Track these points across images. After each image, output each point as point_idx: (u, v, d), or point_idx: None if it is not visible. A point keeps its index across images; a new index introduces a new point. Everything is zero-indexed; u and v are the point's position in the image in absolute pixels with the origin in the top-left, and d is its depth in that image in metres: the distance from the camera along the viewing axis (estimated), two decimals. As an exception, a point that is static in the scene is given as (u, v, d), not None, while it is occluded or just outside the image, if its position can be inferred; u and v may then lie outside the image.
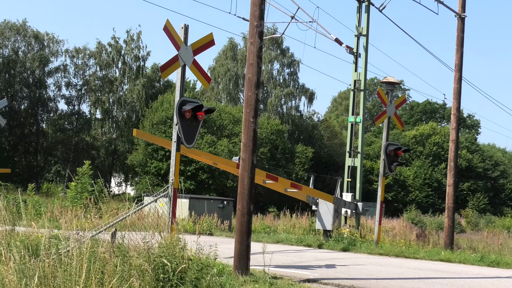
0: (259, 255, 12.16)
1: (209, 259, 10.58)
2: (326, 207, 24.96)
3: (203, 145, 56.66)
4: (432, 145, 76.65)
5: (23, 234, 11.38)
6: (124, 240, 10.32)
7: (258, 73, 12.76)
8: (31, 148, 69.30)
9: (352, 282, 12.80)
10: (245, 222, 12.46)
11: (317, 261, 16.72)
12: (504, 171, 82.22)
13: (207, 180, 56.18)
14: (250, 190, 12.49)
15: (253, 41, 12.79)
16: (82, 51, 71.86)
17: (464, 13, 26.39)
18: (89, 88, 71.30)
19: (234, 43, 75.36)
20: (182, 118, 13.90)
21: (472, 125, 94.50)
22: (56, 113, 71.74)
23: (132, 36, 71.11)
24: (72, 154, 68.32)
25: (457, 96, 26.07)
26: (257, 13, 12.81)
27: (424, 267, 17.30)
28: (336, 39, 27.73)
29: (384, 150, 23.39)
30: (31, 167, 68.80)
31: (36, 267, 8.63)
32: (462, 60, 26.32)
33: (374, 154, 72.72)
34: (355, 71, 27.54)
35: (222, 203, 30.62)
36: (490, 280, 15.03)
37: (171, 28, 13.93)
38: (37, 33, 68.61)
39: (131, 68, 71.01)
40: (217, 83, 73.77)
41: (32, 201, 26.64)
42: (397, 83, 26.19)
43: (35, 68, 67.78)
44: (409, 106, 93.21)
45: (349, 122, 27.64)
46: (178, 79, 14.21)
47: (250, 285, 11.37)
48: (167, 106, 58.17)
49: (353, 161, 27.03)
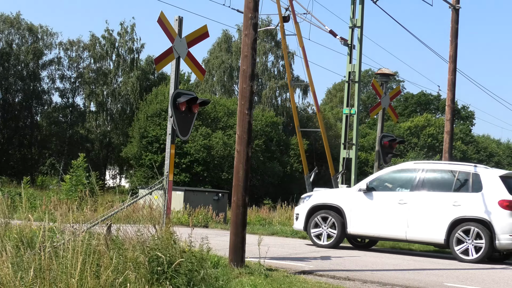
0: (254, 247, 12.17)
1: (203, 251, 10.59)
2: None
3: (197, 137, 56.65)
4: (427, 136, 76.78)
5: (18, 227, 11.36)
6: (119, 232, 10.32)
7: (252, 65, 12.73)
8: (25, 141, 69.22)
9: (347, 274, 12.83)
10: (240, 214, 12.46)
11: (312, 253, 16.74)
12: (499, 162, 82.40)
13: (202, 172, 56.21)
14: (245, 182, 12.49)
15: (248, 33, 12.77)
16: (76, 43, 71.77)
17: (458, 5, 26.38)
18: (83, 81, 71.22)
19: (229, 35, 75.30)
20: (176, 111, 13.88)
21: (466, 116, 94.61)
22: (50, 106, 71.68)
23: (126, 29, 71.01)
24: (67, 147, 68.26)
25: (451, 88, 26.09)
26: (251, 4, 12.79)
27: (419, 259, 17.33)
28: (331, 31, 27.70)
29: (378, 141, 23.44)
30: (26, 160, 68.74)
31: (32, 260, 8.62)
32: (457, 51, 26.33)
33: (368, 145, 72.81)
34: (349, 63, 27.51)
35: (217, 195, 30.61)
36: (485, 271, 15.07)
37: (165, 20, 13.90)
38: (31, 26, 68.49)
39: (125, 60, 70.90)
40: (211, 75, 73.73)
41: (27, 194, 26.59)
42: (391, 75, 26.24)
43: (29, 61, 67.70)
44: (403, 98, 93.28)
45: (344, 114, 27.61)
46: (173, 72, 14.19)
47: (246, 277, 11.38)
48: (161, 99, 58.12)
49: (348, 153, 27.04)
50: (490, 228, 16.32)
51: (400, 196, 17.39)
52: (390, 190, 17.90)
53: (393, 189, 17.92)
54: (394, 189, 17.90)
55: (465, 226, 16.59)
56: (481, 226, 16.39)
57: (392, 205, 17.39)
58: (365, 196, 17.83)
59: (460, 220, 16.64)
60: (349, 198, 18.09)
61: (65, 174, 28.49)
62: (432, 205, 17.02)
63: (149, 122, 57.84)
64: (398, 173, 18.23)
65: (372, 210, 17.65)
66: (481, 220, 16.42)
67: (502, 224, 16.27)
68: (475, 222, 16.50)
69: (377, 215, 17.50)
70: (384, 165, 23.94)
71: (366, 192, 17.82)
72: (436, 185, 17.44)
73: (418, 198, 17.15)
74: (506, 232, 16.23)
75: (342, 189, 20.33)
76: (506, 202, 16.35)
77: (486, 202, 16.49)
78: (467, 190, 16.92)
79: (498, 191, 16.58)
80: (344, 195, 18.41)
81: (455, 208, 16.69)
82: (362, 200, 17.87)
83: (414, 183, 17.44)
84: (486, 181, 16.81)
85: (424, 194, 17.26)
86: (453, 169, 17.56)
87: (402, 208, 17.21)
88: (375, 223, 17.62)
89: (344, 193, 18.84)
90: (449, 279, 13.26)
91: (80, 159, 27.92)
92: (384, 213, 17.47)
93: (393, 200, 17.44)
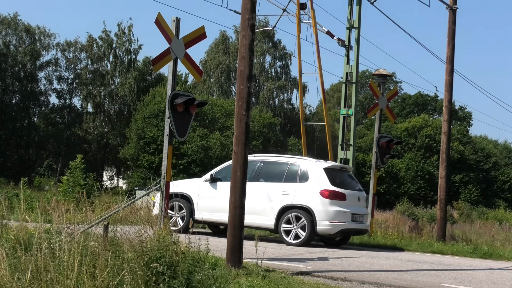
0: (252, 248, 12.15)
1: (201, 252, 10.58)
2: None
3: (195, 138, 56.61)
4: (424, 137, 76.72)
5: (15, 228, 11.35)
6: (116, 234, 10.30)
7: (250, 66, 12.72)
8: (22, 142, 69.09)
9: (345, 275, 12.82)
10: (238, 215, 12.45)
11: (309, 253, 16.74)
12: (496, 163, 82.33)
13: (199, 173, 56.09)
14: (242, 184, 12.48)
15: (245, 34, 12.76)
16: (73, 44, 71.64)
17: (455, 5, 26.40)
18: (81, 82, 71.11)
19: (226, 36, 75.31)
20: (174, 112, 13.88)
21: (464, 117, 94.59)
22: (48, 107, 71.59)
23: (123, 30, 70.89)
24: (64, 148, 68.17)
25: (448, 88, 26.11)
26: (249, 5, 12.78)
27: (416, 259, 17.34)
28: (328, 32, 27.75)
29: (376, 142, 23.41)
30: (23, 161, 68.62)
31: (29, 262, 8.61)
32: (454, 52, 26.34)
33: (366, 146, 72.72)
34: (347, 64, 27.56)
35: (214, 196, 30.49)
36: (483, 272, 15.08)
37: (162, 21, 13.89)
38: (28, 27, 68.36)
39: (122, 61, 70.77)
40: (209, 76, 73.72)
41: (25, 195, 26.51)
42: (389, 76, 26.24)
43: (27, 62, 67.59)
44: (401, 99, 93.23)
45: (341, 115, 27.66)
46: (170, 73, 14.18)
47: (243, 278, 11.37)
48: (159, 100, 58.03)
49: (345, 154, 27.06)
50: (312, 215, 18.16)
51: None
52: None
53: None
54: None
55: (291, 213, 18.39)
56: (305, 213, 18.23)
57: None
58: (210, 186, 19.56)
59: (287, 208, 18.46)
60: (197, 187, 19.73)
61: (62, 176, 28.46)
62: (266, 194, 18.67)
63: (147, 123, 57.77)
64: None
65: (215, 199, 19.13)
66: (305, 207, 18.28)
67: (322, 212, 18.20)
68: (300, 209, 18.33)
69: (219, 203, 18.54)
70: (382, 166, 23.95)
71: (211, 182, 19.56)
72: (270, 176, 19.24)
73: (255, 188, 18.34)
74: (325, 218, 18.11)
75: (192, 180, 21.51)
76: (327, 191, 18.30)
77: (310, 192, 18.40)
78: (295, 181, 18.78)
79: (321, 182, 18.50)
80: (193, 185, 19.93)
81: (284, 196, 18.47)
82: (207, 189, 19.57)
83: (252, 174, 18.75)
84: (312, 173, 18.71)
85: (260, 184, 18.95)
86: (285, 162, 19.57)
87: None
88: (218, 210, 18.74)
89: (193, 183, 20.29)
90: (446, 280, 13.27)
91: (77, 160, 27.88)
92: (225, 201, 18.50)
93: None
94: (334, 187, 18.52)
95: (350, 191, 19.10)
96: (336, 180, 18.86)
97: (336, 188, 18.55)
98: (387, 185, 70.53)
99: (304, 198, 18.37)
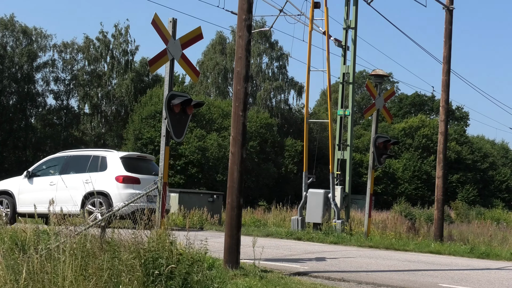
0: (249, 249, 12.15)
1: (199, 253, 10.56)
2: (316, 200, 24.99)
3: (192, 139, 56.61)
4: (421, 137, 76.82)
5: (12, 229, 11.34)
6: (114, 234, 10.29)
7: (247, 66, 12.73)
8: (19, 143, 68.96)
9: (342, 275, 12.83)
10: (235, 216, 12.45)
11: (307, 254, 16.75)
12: (493, 162, 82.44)
13: (196, 174, 56.17)
14: (239, 184, 12.48)
15: (242, 35, 12.77)
16: (70, 45, 71.57)
17: (452, 5, 26.43)
18: (78, 83, 71.04)
19: (223, 37, 75.26)
20: (171, 112, 13.86)
21: (461, 117, 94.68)
22: (45, 108, 71.47)
23: (120, 31, 70.86)
24: (61, 149, 67.93)
25: (445, 89, 26.13)
26: (245, 6, 12.78)
27: (414, 259, 17.35)
28: (325, 32, 27.69)
29: (373, 142, 23.41)
30: (20, 162, 68.42)
31: (25, 263, 8.60)
32: (451, 52, 26.37)
33: (363, 146, 72.81)
34: (343, 64, 27.55)
35: (212, 197, 30.56)
36: (480, 272, 15.09)
37: (159, 22, 13.87)
38: (25, 28, 68.23)
39: (119, 62, 70.73)
40: (205, 77, 73.67)
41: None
42: (385, 76, 26.23)
43: (24, 63, 67.46)
44: (398, 99, 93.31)
45: (338, 115, 27.64)
46: (167, 73, 14.15)
47: (240, 278, 11.38)
48: (156, 101, 58.05)
49: (342, 154, 27.05)
50: (109, 198, 20.19)
51: (51, 179, 21.17)
52: (48, 175, 21.68)
53: (48, 174, 21.72)
54: (49, 174, 21.71)
55: (93, 199, 20.17)
56: (104, 198, 20.21)
57: (45, 187, 21.11)
58: (28, 181, 21.82)
59: (89, 194, 19.99)
60: (18, 184, 21.98)
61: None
62: (73, 185, 19.99)
63: (144, 124, 57.78)
64: (53, 161, 22.34)
65: (32, 192, 21.22)
66: (103, 192, 20.19)
67: (118, 195, 20.18)
68: (99, 194, 20.04)
69: (35, 196, 20.21)
70: (379, 166, 23.95)
71: (29, 178, 21.85)
72: (76, 168, 21.34)
73: (64, 179, 19.82)
74: (120, 200, 19.39)
75: (16, 178, 23.02)
76: (121, 177, 20.53)
77: (108, 178, 20.57)
78: (96, 170, 20.87)
79: (117, 169, 20.73)
80: (15, 182, 22.22)
81: (87, 185, 19.35)
82: (26, 185, 21.79)
83: (61, 168, 21.48)
84: (110, 162, 21.00)
85: (68, 176, 20.75)
86: (89, 154, 21.96)
87: (52, 188, 20.66)
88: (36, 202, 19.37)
89: (16, 180, 22.44)
90: (444, 280, 13.27)
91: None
92: (40, 193, 20.53)
93: (46, 183, 21.28)
94: (129, 173, 20.73)
95: (145, 176, 20.98)
96: (132, 167, 21.06)
97: (130, 173, 20.75)
98: (384, 185, 70.62)
99: (103, 184, 20.27)
